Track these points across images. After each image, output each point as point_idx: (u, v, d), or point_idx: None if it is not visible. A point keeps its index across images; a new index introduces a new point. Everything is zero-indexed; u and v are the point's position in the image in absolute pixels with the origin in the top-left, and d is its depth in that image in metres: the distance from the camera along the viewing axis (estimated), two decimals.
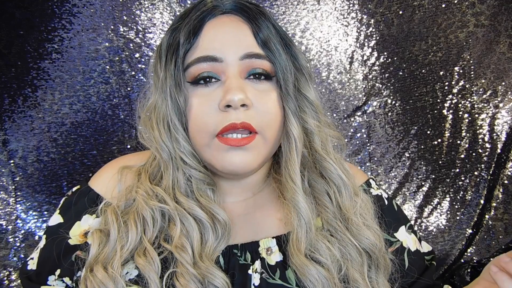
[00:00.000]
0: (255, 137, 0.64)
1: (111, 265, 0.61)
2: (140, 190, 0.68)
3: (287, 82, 0.66)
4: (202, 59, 0.64)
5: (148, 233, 0.65)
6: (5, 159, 1.16)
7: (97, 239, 0.65)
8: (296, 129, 0.66)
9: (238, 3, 0.68)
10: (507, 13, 1.34)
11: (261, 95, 0.65)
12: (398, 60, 1.32)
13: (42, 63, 1.15)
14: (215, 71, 0.65)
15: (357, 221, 0.68)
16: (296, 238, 0.65)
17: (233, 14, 0.67)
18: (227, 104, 0.62)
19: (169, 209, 0.65)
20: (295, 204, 0.66)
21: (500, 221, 1.37)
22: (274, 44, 0.66)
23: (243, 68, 0.65)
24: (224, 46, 0.64)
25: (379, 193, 0.79)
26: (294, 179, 0.67)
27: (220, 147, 0.63)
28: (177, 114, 0.65)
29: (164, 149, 0.66)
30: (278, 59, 0.66)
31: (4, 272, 1.16)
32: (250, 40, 0.65)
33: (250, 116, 0.63)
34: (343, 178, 0.70)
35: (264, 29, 0.66)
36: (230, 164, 0.64)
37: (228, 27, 0.66)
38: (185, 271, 0.61)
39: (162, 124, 0.66)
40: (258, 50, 0.65)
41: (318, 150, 0.69)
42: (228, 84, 0.63)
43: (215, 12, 0.67)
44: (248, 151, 0.64)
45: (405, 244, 0.76)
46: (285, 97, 0.66)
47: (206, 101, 0.64)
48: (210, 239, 0.64)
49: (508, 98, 1.37)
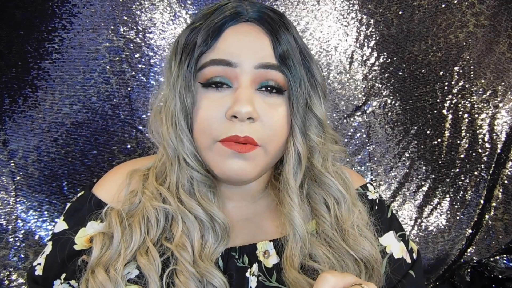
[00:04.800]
0: (255, 148, 0.63)
1: (114, 267, 0.62)
2: (147, 191, 0.68)
3: (298, 99, 0.65)
4: (216, 62, 0.64)
5: (152, 233, 0.65)
6: (5, 159, 1.16)
7: (99, 241, 0.65)
8: (301, 146, 0.66)
9: (262, 13, 0.67)
10: (507, 13, 1.34)
11: (270, 108, 0.64)
12: (397, 60, 1.33)
13: (43, 63, 1.15)
14: (228, 77, 0.64)
15: (354, 232, 0.68)
16: (291, 253, 0.65)
17: (255, 23, 0.66)
18: (233, 115, 0.62)
19: (172, 208, 0.65)
20: (291, 219, 0.66)
21: (500, 221, 1.37)
22: (292, 59, 0.65)
23: (256, 77, 0.64)
24: (240, 52, 0.63)
25: (374, 197, 0.79)
26: (292, 195, 0.67)
27: (222, 152, 0.63)
28: (184, 114, 0.65)
29: (171, 145, 0.66)
30: (293, 75, 0.65)
31: (4, 272, 1.16)
32: (268, 51, 0.64)
33: (254, 130, 0.63)
34: (342, 191, 0.70)
35: (284, 44, 0.65)
36: (229, 170, 0.64)
37: (248, 36, 0.65)
38: (185, 269, 0.61)
39: (170, 121, 0.66)
40: (274, 61, 0.64)
41: (317, 166, 0.69)
42: (238, 94, 0.62)
43: (237, 19, 0.66)
44: (247, 160, 0.63)
45: (388, 250, 0.75)
46: (294, 113, 0.66)
47: (214, 105, 0.64)
48: (210, 239, 0.65)
49: (508, 98, 1.37)
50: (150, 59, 1.21)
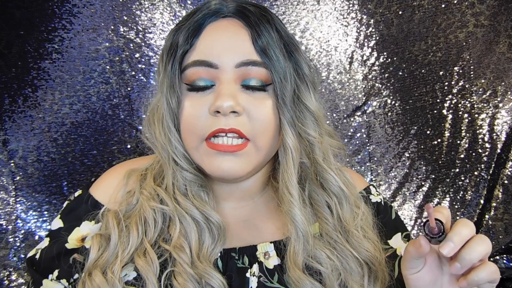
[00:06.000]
0: (246, 144, 0.63)
1: (111, 269, 0.61)
2: (144, 191, 0.68)
3: (284, 91, 0.65)
4: (198, 63, 0.64)
5: (149, 234, 0.65)
6: (5, 159, 1.16)
7: (96, 243, 0.65)
8: (291, 139, 0.65)
9: (240, 7, 0.67)
10: (507, 13, 1.34)
11: (255, 102, 0.64)
12: (397, 60, 1.33)
13: (42, 63, 1.15)
14: (210, 77, 0.65)
15: (358, 234, 0.68)
16: (293, 251, 0.65)
17: (235, 18, 0.67)
18: (216, 110, 0.62)
19: (169, 209, 0.65)
20: (292, 217, 0.65)
21: (500, 221, 1.37)
22: (273, 51, 0.64)
23: (239, 75, 0.64)
24: (220, 52, 0.64)
25: (378, 200, 0.79)
26: (291, 191, 0.66)
27: (208, 152, 0.64)
28: (171, 115, 0.66)
29: (163, 147, 0.67)
30: (276, 67, 0.64)
31: (4, 272, 1.16)
32: (247, 46, 0.64)
33: (240, 123, 0.63)
34: (344, 190, 0.69)
35: (264, 36, 0.64)
36: (218, 169, 0.64)
37: (227, 32, 0.65)
38: (183, 271, 0.61)
39: (161, 124, 0.67)
40: (255, 57, 0.64)
41: (319, 161, 0.69)
42: (219, 90, 0.63)
43: (217, 15, 0.67)
44: (238, 157, 0.64)
45: (398, 252, 0.75)
46: (281, 106, 0.65)
47: (197, 104, 0.64)
48: (207, 240, 0.65)
49: (508, 98, 1.37)
50: (150, 59, 1.21)
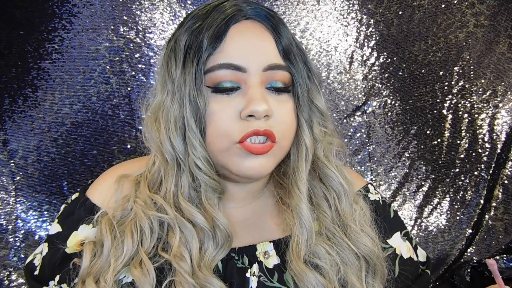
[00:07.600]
0: (273, 145, 0.64)
1: (104, 278, 0.61)
2: (139, 200, 0.66)
3: (303, 93, 0.67)
4: (225, 66, 0.63)
5: (145, 244, 0.64)
6: (5, 159, 1.16)
7: (89, 251, 0.64)
8: (308, 138, 0.67)
9: (261, 10, 0.67)
10: (507, 13, 1.34)
11: (279, 105, 0.65)
12: (397, 60, 1.33)
13: (43, 63, 1.15)
14: (237, 80, 0.64)
15: (355, 228, 0.68)
16: (297, 245, 0.65)
17: (256, 20, 0.67)
18: (250, 114, 0.62)
19: (168, 218, 0.64)
20: (299, 211, 0.66)
21: (500, 221, 1.37)
22: (294, 54, 0.67)
23: (265, 78, 0.65)
24: (248, 55, 0.64)
25: (376, 199, 0.79)
26: (301, 187, 0.67)
27: (241, 153, 0.63)
28: (195, 118, 0.63)
29: (169, 152, 0.65)
30: (297, 69, 0.67)
31: (4, 272, 1.16)
32: (272, 49, 0.65)
33: (270, 126, 0.63)
34: (343, 185, 0.70)
35: (285, 39, 0.66)
36: (249, 169, 0.63)
37: (252, 34, 0.65)
38: (184, 281, 0.60)
39: (174, 127, 0.64)
40: (280, 61, 0.65)
41: (320, 157, 0.70)
42: (251, 94, 0.62)
43: (239, 17, 0.66)
44: (266, 156, 0.64)
45: (398, 251, 0.75)
46: (300, 107, 0.67)
47: (226, 107, 0.63)
48: (210, 247, 0.64)
49: (507, 98, 1.37)
50: (150, 59, 1.21)
